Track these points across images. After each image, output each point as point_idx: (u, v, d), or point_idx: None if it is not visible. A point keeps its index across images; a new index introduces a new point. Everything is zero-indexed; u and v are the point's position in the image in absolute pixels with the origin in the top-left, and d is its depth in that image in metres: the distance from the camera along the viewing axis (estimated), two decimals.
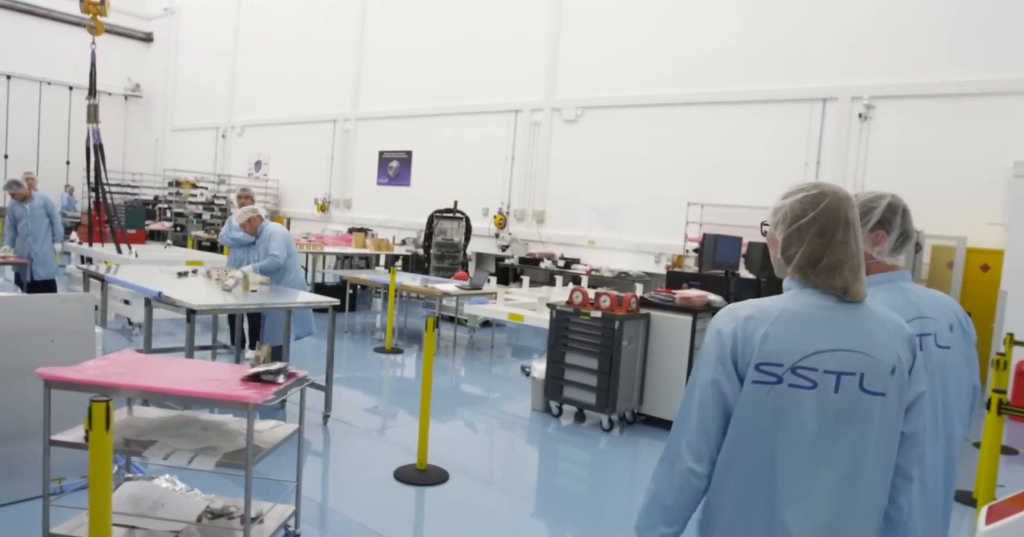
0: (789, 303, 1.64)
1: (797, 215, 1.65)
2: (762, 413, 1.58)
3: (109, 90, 22.20)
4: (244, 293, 5.22)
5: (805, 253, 1.64)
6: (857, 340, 1.61)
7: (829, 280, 1.62)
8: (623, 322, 5.52)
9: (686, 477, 1.63)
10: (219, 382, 3.04)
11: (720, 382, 1.62)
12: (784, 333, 1.59)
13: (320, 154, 17.34)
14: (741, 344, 1.61)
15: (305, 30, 17.66)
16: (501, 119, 13.62)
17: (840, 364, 1.58)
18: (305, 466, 4.58)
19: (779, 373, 1.57)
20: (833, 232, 1.62)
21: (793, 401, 1.57)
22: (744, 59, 10.57)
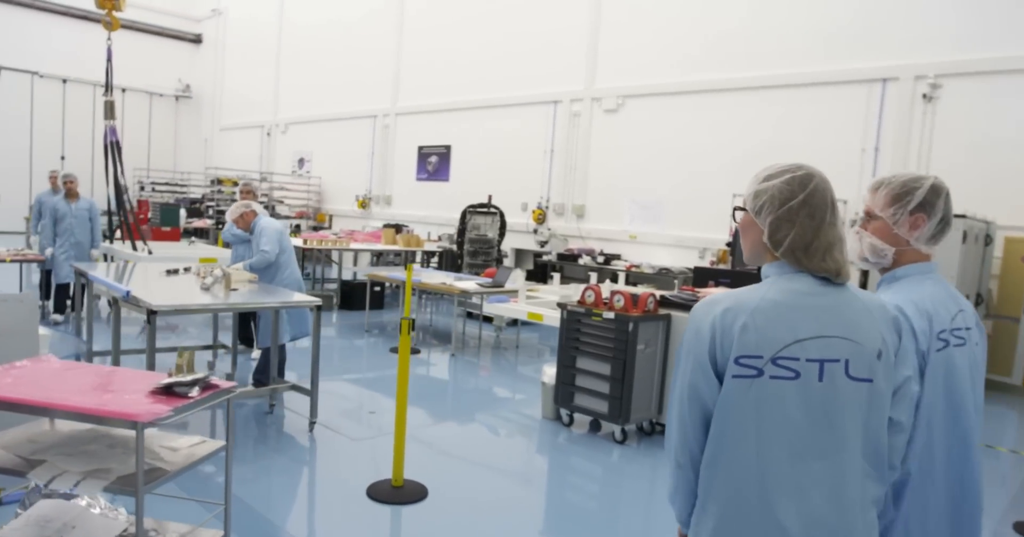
0: (769, 291, 1.58)
1: (786, 197, 1.58)
2: (745, 409, 1.53)
3: (160, 91, 22.60)
4: (225, 292, 4.85)
5: (798, 236, 1.57)
6: (840, 325, 1.55)
7: (822, 263, 1.56)
8: (638, 324, 4.94)
9: (677, 472, 1.65)
10: (120, 394, 2.62)
11: (698, 385, 1.57)
12: (763, 323, 1.52)
13: (360, 150, 17.15)
14: (720, 338, 1.54)
15: (346, 26, 17.52)
16: (540, 111, 13.11)
17: (823, 351, 1.53)
18: (272, 479, 4.21)
19: (759, 365, 1.52)
20: (823, 213, 1.58)
21: (776, 394, 1.52)
22: (793, 39, 9.79)
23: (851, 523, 1.55)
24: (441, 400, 6.45)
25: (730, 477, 1.55)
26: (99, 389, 2.70)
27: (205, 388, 2.79)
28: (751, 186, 1.65)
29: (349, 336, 8.84)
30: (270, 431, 5.08)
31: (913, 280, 1.90)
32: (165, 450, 2.81)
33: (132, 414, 2.40)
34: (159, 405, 2.55)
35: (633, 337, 4.93)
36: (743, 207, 1.67)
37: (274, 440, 4.92)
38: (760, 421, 1.52)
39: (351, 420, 5.39)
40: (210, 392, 2.78)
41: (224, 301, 4.65)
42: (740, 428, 1.53)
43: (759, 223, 1.61)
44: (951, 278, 6.94)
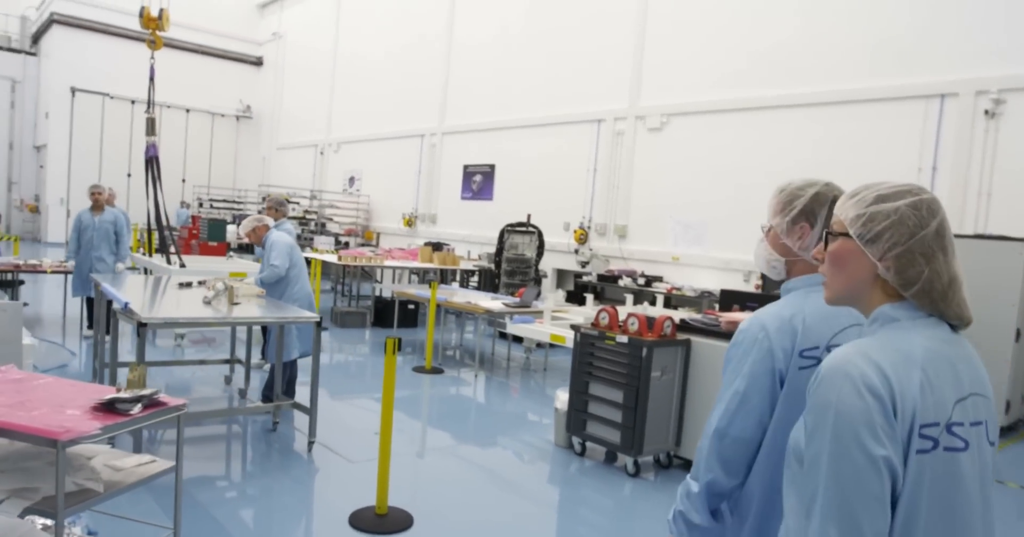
0: (921, 338, 1.24)
1: (917, 224, 1.26)
2: (921, 496, 1.16)
3: (222, 111, 23.31)
4: (228, 306, 4.75)
5: (935, 273, 1.25)
6: (978, 381, 1.28)
7: (959, 309, 1.27)
8: (653, 349, 4.63)
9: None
10: (60, 410, 2.49)
11: (890, 457, 1.13)
12: (936, 379, 1.20)
13: (408, 169, 17.25)
14: (900, 399, 1.15)
15: (397, 49, 17.76)
16: (583, 129, 12.91)
17: (976, 413, 1.25)
18: (255, 501, 4.04)
19: (936, 435, 1.18)
20: (953, 247, 1.28)
21: (950, 470, 1.19)
22: (843, 54, 9.36)
23: None
24: (455, 422, 6.22)
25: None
26: (40, 403, 2.58)
27: (150, 406, 2.65)
28: (856, 208, 1.30)
29: (376, 353, 8.72)
30: (268, 450, 4.94)
31: (799, 293, 1.70)
32: (108, 469, 2.67)
33: (51, 432, 2.27)
34: (91, 422, 2.42)
35: (647, 363, 4.63)
36: (843, 232, 1.32)
37: (269, 459, 4.77)
38: (931, 510, 1.17)
39: (354, 441, 5.20)
40: (155, 410, 2.64)
41: (220, 315, 4.54)
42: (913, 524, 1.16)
43: (870, 254, 1.28)
44: (1011, 304, 6.39)
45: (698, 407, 4.79)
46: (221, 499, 3.96)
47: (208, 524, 3.63)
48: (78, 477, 2.55)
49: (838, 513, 1.12)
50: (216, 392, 6.26)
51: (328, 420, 5.58)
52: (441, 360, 8.35)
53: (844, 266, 1.33)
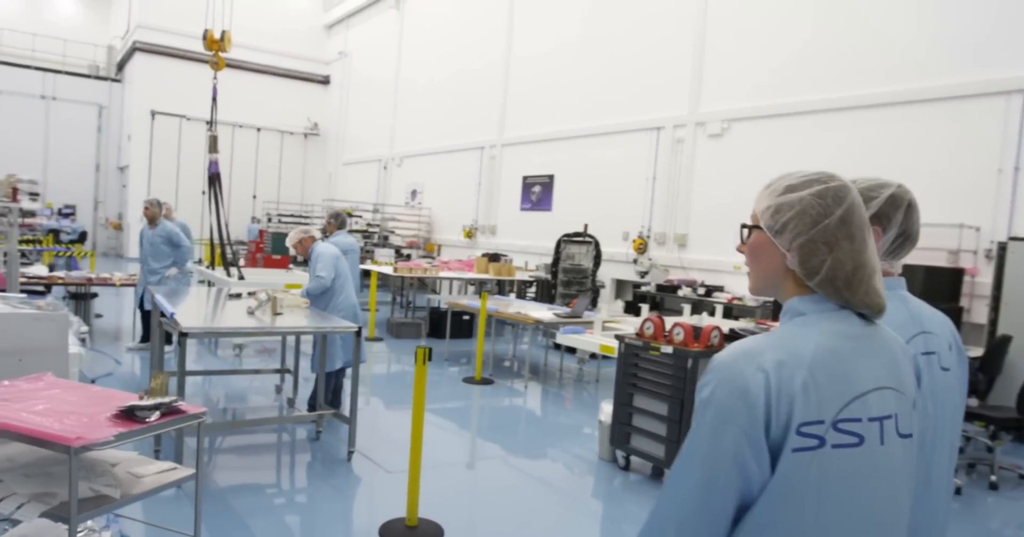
0: (818, 335, 1.21)
1: (820, 213, 1.24)
2: (805, 493, 1.13)
3: (291, 130, 24.00)
4: (271, 317, 4.81)
5: (837, 262, 1.23)
6: (888, 373, 1.25)
7: (866, 297, 1.24)
8: (698, 360, 4.45)
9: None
10: (80, 417, 2.54)
11: (744, 458, 1.13)
12: (824, 378, 1.16)
13: (468, 181, 17.36)
14: (776, 401, 1.13)
15: (457, 63, 17.95)
16: (642, 137, 12.72)
17: (880, 407, 1.22)
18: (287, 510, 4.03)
19: (821, 433, 1.15)
20: (863, 234, 1.26)
21: (839, 468, 1.16)
22: (915, 51, 8.92)
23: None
24: (501, 433, 6.14)
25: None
26: (66, 410, 2.63)
27: (169, 413, 2.67)
28: (768, 199, 1.31)
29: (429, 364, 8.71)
30: (309, 459, 4.96)
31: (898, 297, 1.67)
32: (129, 476, 2.69)
33: (63, 438, 2.29)
34: (107, 429, 2.44)
35: (692, 374, 4.45)
36: (755, 224, 1.33)
37: (308, 469, 4.79)
38: (821, 508, 1.14)
39: (395, 451, 5.18)
40: (173, 417, 2.66)
41: (260, 325, 4.60)
42: (795, 520, 1.14)
43: (780, 245, 1.27)
44: None
45: None
46: (256, 507, 3.99)
47: (240, 532, 3.65)
48: (97, 483, 2.58)
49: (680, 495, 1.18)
50: (267, 401, 6.36)
51: (373, 430, 5.60)
52: (493, 371, 8.30)
53: (759, 258, 1.32)
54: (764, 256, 1.31)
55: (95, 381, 5.71)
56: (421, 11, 19.74)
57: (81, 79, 22.83)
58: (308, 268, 6.60)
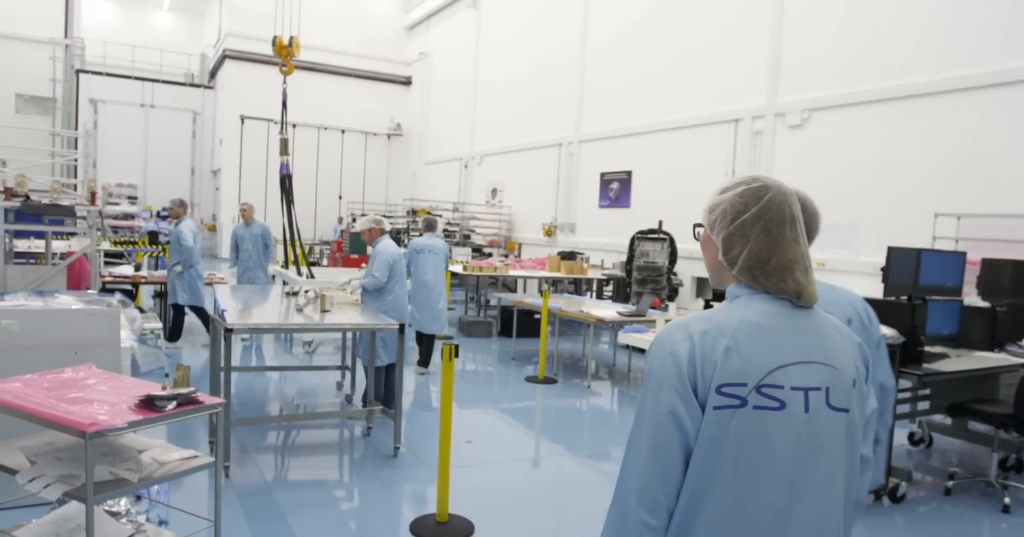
0: (745, 311, 1.40)
1: (738, 210, 1.44)
2: (723, 445, 1.32)
3: (375, 131, 24.53)
4: (319, 314, 4.86)
5: (752, 253, 1.42)
6: (818, 350, 1.41)
7: (780, 283, 1.41)
8: None
9: (640, 532, 1.34)
10: (103, 405, 2.61)
11: (678, 412, 1.33)
12: (747, 346, 1.35)
13: (547, 179, 17.27)
14: (700, 364, 1.34)
15: (534, 59, 17.90)
16: (720, 130, 12.31)
17: (805, 379, 1.37)
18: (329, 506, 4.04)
19: (743, 394, 1.33)
20: (780, 229, 1.42)
21: (759, 427, 1.33)
22: (1014, 27, 8.22)
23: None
24: (551, 433, 6.02)
25: (705, 527, 1.32)
26: (96, 398, 2.72)
27: (186, 403, 2.72)
28: (709, 200, 1.52)
29: (495, 363, 8.71)
30: (356, 455, 4.99)
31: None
32: (153, 462, 2.76)
33: (79, 424, 2.38)
34: (124, 416, 2.51)
35: None
36: (701, 223, 1.55)
37: (352, 465, 4.82)
38: (739, 459, 1.32)
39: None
40: (189, 407, 2.70)
41: (303, 322, 4.66)
42: (720, 469, 1.32)
43: (715, 240, 1.47)
44: None
45: None
46: (296, 501, 4.03)
47: (277, 523, 3.69)
48: (120, 467, 2.65)
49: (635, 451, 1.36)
50: (326, 398, 6.47)
51: (426, 427, 5.59)
52: (561, 370, 8.18)
53: (705, 251, 1.53)
54: (707, 250, 1.52)
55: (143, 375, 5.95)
56: (497, 9, 19.79)
57: (177, 87, 24.07)
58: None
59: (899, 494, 4.63)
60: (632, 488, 1.34)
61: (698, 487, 1.32)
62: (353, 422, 5.61)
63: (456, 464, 4.85)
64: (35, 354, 3.69)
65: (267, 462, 4.69)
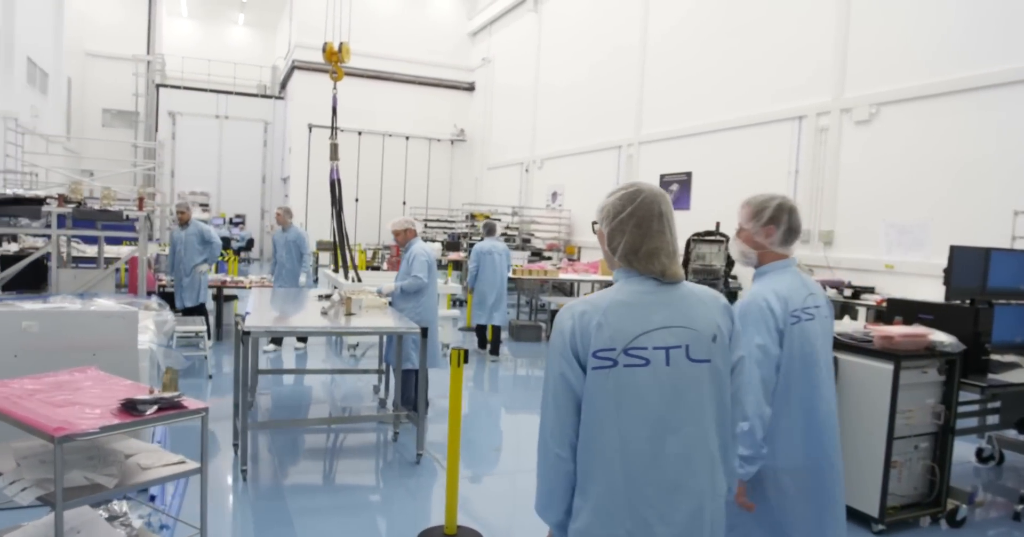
0: (617, 293, 1.82)
1: (617, 210, 1.86)
2: (606, 395, 1.75)
3: (438, 137, 24.72)
4: (344, 317, 4.83)
5: (627, 243, 1.83)
6: (679, 316, 1.79)
7: (649, 265, 1.81)
8: None
9: (555, 462, 1.79)
10: (83, 408, 2.60)
11: (566, 374, 1.78)
12: (615, 320, 1.76)
13: (606, 181, 17.00)
14: (580, 336, 1.77)
15: (594, 61, 17.70)
16: (783, 128, 11.83)
17: (666, 339, 1.76)
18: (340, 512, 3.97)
19: (614, 357, 1.74)
20: (649, 223, 1.82)
21: (630, 380, 1.75)
22: None
23: (700, 485, 1.77)
24: None
25: (602, 457, 1.75)
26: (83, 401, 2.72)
27: (168, 407, 2.68)
28: (600, 203, 1.93)
29: (542, 367, 8.55)
30: (379, 459, 4.93)
31: (775, 274, 2.51)
32: (135, 467, 2.74)
33: (46, 427, 2.36)
34: (103, 419, 2.50)
35: None
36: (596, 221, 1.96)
37: (372, 469, 4.75)
38: (619, 405, 1.74)
39: (472, 455, 5.03)
40: (172, 412, 2.66)
41: (321, 325, 4.62)
42: (604, 414, 1.74)
43: (603, 234, 1.90)
44: None
45: (847, 435, 3.98)
46: (307, 507, 3.98)
47: (282, 529, 3.65)
48: (99, 472, 2.63)
49: (545, 404, 1.82)
50: (364, 402, 6.45)
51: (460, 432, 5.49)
52: None
53: (601, 245, 1.93)
54: (600, 242, 1.93)
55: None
56: (558, 12, 19.66)
57: (249, 98, 24.86)
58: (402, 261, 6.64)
59: (958, 518, 4.25)
60: (546, 430, 1.81)
61: (591, 428, 1.75)
62: (386, 426, 5.57)
63: (482, 472, 4.74)
64: (55, 355, 3.76)
65: (288, 466, 4.68)
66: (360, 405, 6.35)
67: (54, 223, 6.28)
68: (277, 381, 7.10)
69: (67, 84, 22.97)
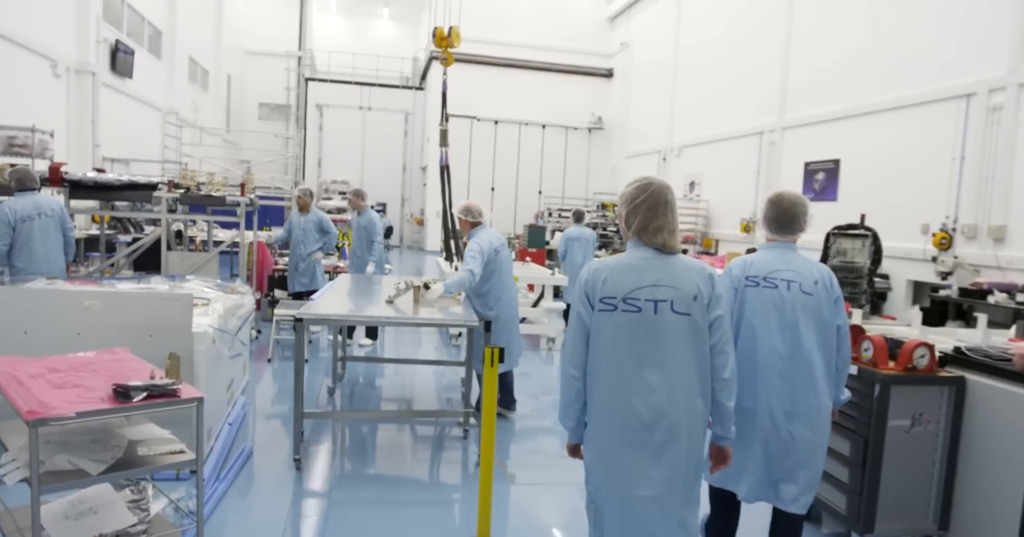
0: (624, 257, 2.48)
1: (634, 197, 2.49)
2: (607, 332, 2.40)
3: (575, 125, 24.33)
4: (414, 307, 4.59)
5: (639, 221, 2.47)
6: (668, 278, 2.41)
7: (654, 238, 2.45)
8: (890, 386, 3.26)
9: (570, 381, 2.48)
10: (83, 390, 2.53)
11: (581, 314, 2.47)
12: (618, 276, 2.42)
13: (746, 170, 15.98)
14: (591, 286, 2.45)
15: (736, 41, 16.66)
16: (947, 108, 10.46)
17: (655, 294, 2.38)
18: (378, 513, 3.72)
19: (615, 303, 2.39)
20: (656, 207, 2.45)
21: (626, 322, 2.38)
22: None
23: (678, 409, 2.37)
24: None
25: (603, 379, 2.42)
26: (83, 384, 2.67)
27: (159, 395, 2.55)
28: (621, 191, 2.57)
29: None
30: (439, 460, 4.67)
31: (762, 250, 3.13)
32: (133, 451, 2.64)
33: (21, 409, 2.28)
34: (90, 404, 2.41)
35: (881, 405, 3.27)
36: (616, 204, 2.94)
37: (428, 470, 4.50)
38: (616, 341, 2.39)
39: (537, 461, 4.67)
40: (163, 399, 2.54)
41: (371, 314, 4.42)
42: (605, 346, 2.41)
43: (622, 215, 2.54)
44: None
45: (976, 474, 3.25)
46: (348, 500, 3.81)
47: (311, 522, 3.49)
48: (91, 456, 2.55)
49: (567, 338, 2.52)
50: (448, 394, 6.26)
51: (532, 436, 5.16)
52: None
53: (620, 223, 2.59)
54: (620, 221, 2.57)
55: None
56: None
57: (391, 90, 25.58)
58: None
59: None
60: (565, 357, 2.49)
61: (596, 356, 2.42)
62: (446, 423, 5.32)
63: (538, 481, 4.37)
64: (114, 334, 3.80)
65: (350, 458, 4.54)
66: (445, 398, 6.16)
67: (163, 208, 6.53)
68: (374, 370, 7.08)
69: (227, 80, 24.68)
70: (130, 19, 15.63)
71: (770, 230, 3.04)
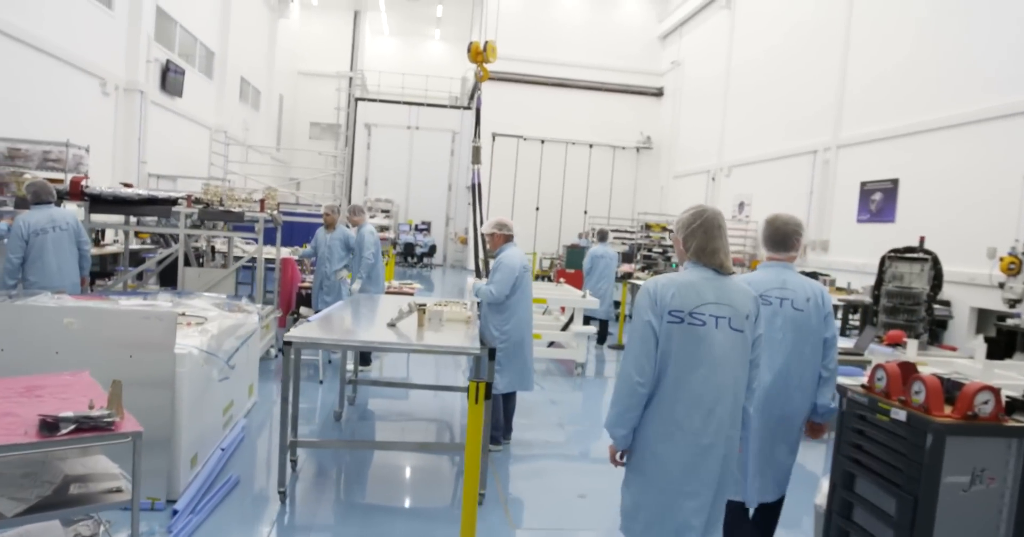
0: (685, 275, 2.70)
1: (690, 222, 2.73)
2: (674, 341, 2.60)
3: (623, 144, 23.93)
4: (418, 330, 4.29)
5: (697, 244, 2.70)
6: (726, 297, 2.65)
7: (712, 260, 2.68)
8: (945, 436, 2.78)
9: (634, 388, 2.60)
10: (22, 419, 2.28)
11: (651, 322, 2.62)
12: (684, 292, 2.62)
13: (798, 191, 15.33)
14: (659, 298, 2.62)
15: (789, 57, 16.12)
16: (1016, 125, 9.78)
17: (717, 311, 2.62)
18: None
19: (682, 316, 2.60)
20: (712, 232, 2.70)
21: (692, 333, 2.59)
22: None
23: (723, 412, 2.61)
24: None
25: (670, 384, 2.60)
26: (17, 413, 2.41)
27: (91, 429, 2.27)
28: (677, 218, 2.83)
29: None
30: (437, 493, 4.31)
31: (760, 269, 3.42)
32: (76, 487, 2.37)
33: None
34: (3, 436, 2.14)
35: (934, 459, 2.79)
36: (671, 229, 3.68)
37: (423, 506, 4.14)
38: (681, 349, 2.60)
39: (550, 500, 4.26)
40: (88, 435, 2.25)
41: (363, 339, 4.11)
42: (672, 354, 2.59)
43: (679, 239, 2.78)
44: None
45: None
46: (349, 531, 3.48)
47: None
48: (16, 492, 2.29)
49: (631, 346, 2.66)
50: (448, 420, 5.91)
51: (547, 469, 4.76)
52: None
53: (676, 246, 2.84)
54: (677, 245, 2.84)
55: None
56: (752, 8, 18.17)
57: (438, 109, 25.61)
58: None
59: None
60: (629, 362, 2.64)
61: (663, 364, 2.62)
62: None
63: (547, 526, 3.97)
64: (92, 353, 3.60)
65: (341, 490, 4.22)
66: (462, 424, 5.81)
67: (181, 223, 6.39)
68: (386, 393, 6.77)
69: (279, 100, 25.05)
70: (182, 40, 15.92)
71: (767, 249, 3.36)
